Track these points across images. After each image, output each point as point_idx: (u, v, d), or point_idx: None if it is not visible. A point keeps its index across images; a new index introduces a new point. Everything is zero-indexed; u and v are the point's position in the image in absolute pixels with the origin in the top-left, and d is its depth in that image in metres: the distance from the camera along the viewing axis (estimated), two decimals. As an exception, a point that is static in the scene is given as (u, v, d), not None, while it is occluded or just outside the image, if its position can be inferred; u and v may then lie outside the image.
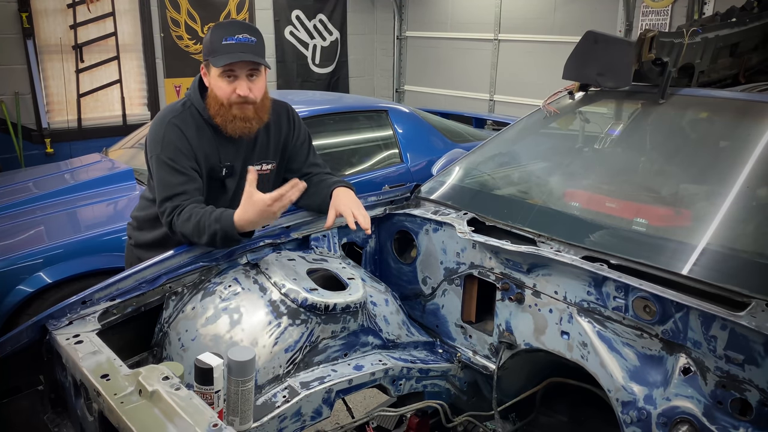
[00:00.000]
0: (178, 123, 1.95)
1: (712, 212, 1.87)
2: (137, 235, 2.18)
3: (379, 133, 4.29)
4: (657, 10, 5.98)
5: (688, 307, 1.50)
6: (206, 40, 1.94)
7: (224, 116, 1.94)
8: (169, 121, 1.96)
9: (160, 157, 1.92)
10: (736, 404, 1.46)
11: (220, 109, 1.93)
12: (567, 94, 2.48)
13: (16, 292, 2.88)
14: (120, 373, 1.34)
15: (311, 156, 2.22)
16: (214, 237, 1.79)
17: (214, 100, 1.94)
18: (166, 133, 1.94)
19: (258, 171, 2.01)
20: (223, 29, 1.91)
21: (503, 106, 7.38)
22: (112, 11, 6.36)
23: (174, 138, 1.93)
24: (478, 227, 2.03)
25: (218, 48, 1.89)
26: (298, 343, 1.72)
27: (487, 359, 2.04)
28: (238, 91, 1.90)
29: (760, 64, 2.90)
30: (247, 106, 1.93)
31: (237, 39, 1.88)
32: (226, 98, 1.92)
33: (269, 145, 2.11)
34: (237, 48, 1.88)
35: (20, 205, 3.39)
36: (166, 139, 1.93)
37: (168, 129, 1.94)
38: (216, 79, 1.92)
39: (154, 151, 1.94)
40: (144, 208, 2.15)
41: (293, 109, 2.22)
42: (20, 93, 5.94)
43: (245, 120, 1.94)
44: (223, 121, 1.94)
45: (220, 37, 1.89)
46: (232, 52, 1.87)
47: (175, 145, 1.92)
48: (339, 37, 8.30)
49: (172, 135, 1.93)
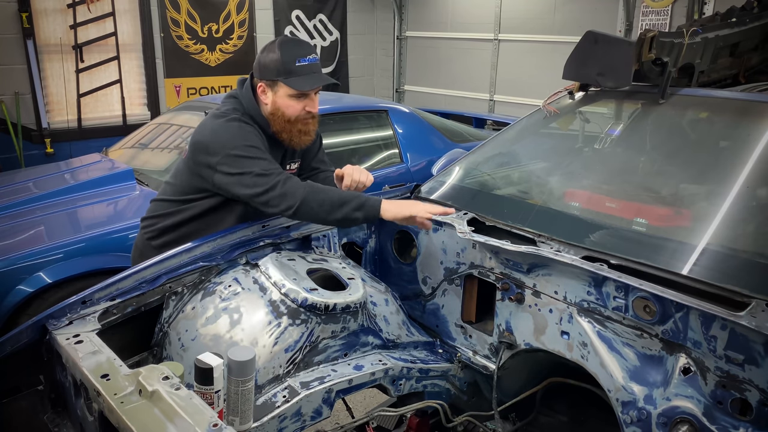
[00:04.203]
0: (242, 124, 1.97)
1: (712, 212, 1.87)
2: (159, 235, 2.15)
3: (379, 133, 4.29)
4: (657, 10, 5.98)
5: (688, 307, 1.50)
6: (274, 60, 1.95)
7: (290, 132, 2.02)
8: (231, 121, 1.96)
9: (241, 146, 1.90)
10: (736, 404, 1.46)
11: (286, 125, 2.01)
12: (567, 94, 2.47)
13: (16, 292, 2.88)
14: (120, 373, 1.34)
15: (320, 153, 2.32)
16: (359, 207, 1.88)
17: (280, 118, 2.00)
18: (239, 130, 1.95)
19: (288, 170, 2.14)
20: (294, 49, 1.96)
21: (503, 106, 7.38)
22: (112, 11, 6.37)
23: (249, 133, 1.96)
24: (478, 227, 2.03)
25: (293, 69, 1.94)
26: (298, 343, 1.72)
27: (487, 359, 2.04)
28: (309, 108, 2.00)
29: (760, 64, 2.90)
30: (312, 121, 2.03)
31: (309, 60, 1.96)
32: (295, 116, 1.99)
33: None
34: (311, 69, 1.96)
35: (20, 205, 3.39)
36: (241, 133, 1.94)
37: (239, 126, 1.96)
38: (286, 98, 1.97)
39: (228, 147, 1.90)
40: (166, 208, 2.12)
41: None
42: (20, 93, 5.94)
43: (308, 134, 2.06)
44: (288, 137, 2.03)
45: (293, 58, 1.93)
46: (307, 74, 1.95)
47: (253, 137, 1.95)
48: (339, 37, 8.30)
49: (247, 130, 1.96)
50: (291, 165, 2.21)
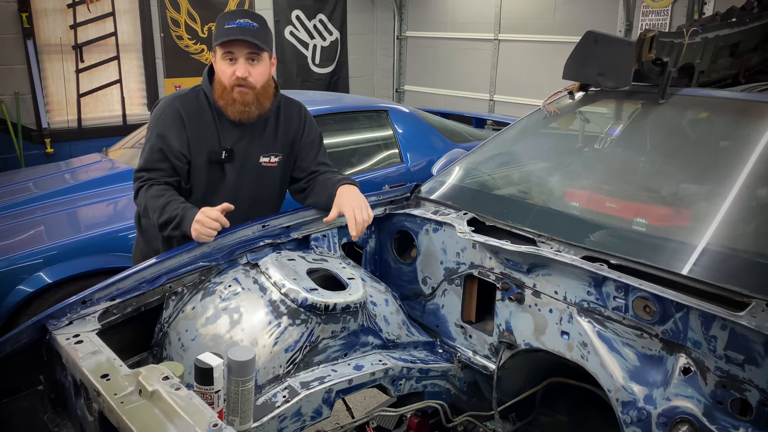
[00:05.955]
0: (178, 105, 2.06)
1: (712, 212, 1.87)
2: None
3: (379, 133, 4.29)
4: (657, 10, 5.98)
5: (688, 307, 1.50)
6: (214, 29, 2.04)
7: (226, 99, 2.02)
8: (171, 102, 2.07)
9: (153, 131, 2.04)
10: (736, 404, 1.46)
11: (223, 93, 2.02)
12: (567, 94, 2.47)
13: (16, 292, 2.87)
14: (120, 373, 1.34)
15: (320, 155, 2.25)
16: (169, 221, 1.90)
17: (218, 84, 2.03)
18: (165, 113, 2.05)
19: (264, 163, 2.12)
20: (228, 15, 2.02)
21: (503, 106, 7.38)
22: (112, 11, 6.36)
23: (170, 119, 2.03)
24: (478, 227, 2.03)
25: (221, 32, 1.98)
26: (298, 343, 1.72)
27: (487, 359, 2.04)
28: (237, 72, 1.98)
29: (760, 64, 2.90)
30: (247, 91, 2.01)
31: (238, 23, 1.97)
32: (228, 80, 2.00)
33: (276, 138, 2.16)
34: (237, 31, 1.96)
35: (20, 205, 3.39)
36: (163, 117, 2.04)
37: (168, 109, 2.05)
38: (219, 62, 2.01)
39: (150, 125, 2.08)
40: None
41: (306, 109, 2.28)
42: (20, 93, 5.94)
43: (245, 104, 2.02)
44: (224, 104, 2.03)
45: (223, 22, 1.98)
46: (232, 34, 1.95)
47: (169, 125, 2.03)
48: (339, 37, 8.30)
49: (170, 115, 2.04)
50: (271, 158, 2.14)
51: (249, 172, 2.11)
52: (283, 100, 2.19)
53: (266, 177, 2.16)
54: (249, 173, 2.11)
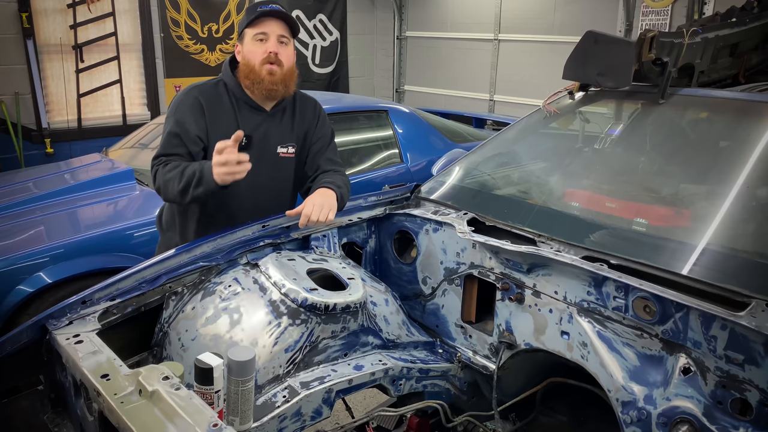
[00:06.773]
0: (197, 93, 2.09)
1: (712, 212, 1.87)
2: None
3: (379, 133, 4.30)
4: (657, 10, 5.98)
5: (688, 307, 1.50)
6: (242, 18, 2.11)
7: (252, 78, 2.05)
8: (190, 90, 2.11)
9: (172, 118, 2.07)
10: (736, 404, 1.46)
11: (250, 72, 2.05)
12: (567, 94, 2.47)
13: (16, 292, 2.87)
14: (120, 373, 1.34)
15: (329, 152, 2.26)
16: (189, 181, 1.90)
17: (245, 66, 2.06)
18: (183, 100, 2.09)
19: (281, 153, 2.16)
20: (256, 4, 2.08)
21: (503, 106, 7.38)
22: (112, 11, 6.37)
23: (188, 105, 2.06)
24: (478, 227, 2.03)
25: (252, 12, 2.06)
26: (298, 343, 1.72)
27: (487, 359, 2.04)
28: (269, 48, 2.02)
29: (760, 64, 2.90)
30: (276, 69, 2.05)
31: (270, 7, 2.05)
32: (258, 59, 2.04)
33: (292, 128, 2.19)
34: (270, 7, 2.04)
35: (20, 205, 3.39)
36: (181, 104, 2.08)
37: (186, 97, 2.09)
38: (248, 44, 2.06)
39: (169, 113, 2.11)
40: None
41: (321, 106, 2.31)
42: (20, 93, 5.94)
43: (273, 83, 2.05)
44: (251, 83, 2.06)
45: (255, 8, 2.06)
46: (266, 6, 2.04)
47: (187, 111, 2.05)
48: (339, 37, 8.30)
49: (188, 102, 2.07)
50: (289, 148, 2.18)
51: (266, 161, 2.12)
52: (299, 94, 2.24)
53: (282, 167, 2.18)
54: (266, 162, 2.12)
